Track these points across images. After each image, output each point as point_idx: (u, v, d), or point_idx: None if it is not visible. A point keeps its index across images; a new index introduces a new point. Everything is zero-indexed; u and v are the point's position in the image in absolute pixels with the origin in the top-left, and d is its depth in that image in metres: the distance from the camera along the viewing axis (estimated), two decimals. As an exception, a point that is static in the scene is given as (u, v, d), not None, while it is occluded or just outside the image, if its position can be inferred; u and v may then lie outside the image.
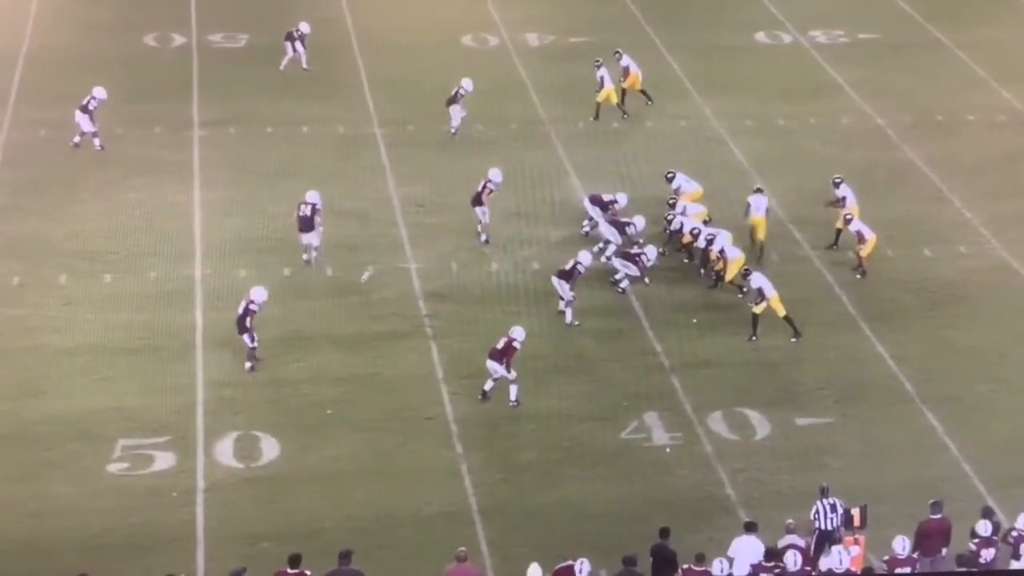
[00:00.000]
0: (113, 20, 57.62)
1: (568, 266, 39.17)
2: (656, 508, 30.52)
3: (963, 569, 27.94)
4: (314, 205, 41.12)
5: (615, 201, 42.65)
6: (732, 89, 53.82)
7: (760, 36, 60.12)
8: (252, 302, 36.47)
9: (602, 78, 50.07)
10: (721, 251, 40.41)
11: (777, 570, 28.06)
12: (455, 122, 48.51)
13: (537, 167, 47.61)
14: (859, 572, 28.35)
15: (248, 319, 36.18)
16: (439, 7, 60.50)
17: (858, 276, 41.61)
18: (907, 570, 28.46)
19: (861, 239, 41.20)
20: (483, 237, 42.89)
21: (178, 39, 56.82)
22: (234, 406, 35.02)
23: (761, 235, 42.61)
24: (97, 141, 46.62)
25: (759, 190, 43.30)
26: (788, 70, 56.58)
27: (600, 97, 50.43)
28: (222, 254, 41.62)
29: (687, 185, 44.04)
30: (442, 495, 32.22)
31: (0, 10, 57.82)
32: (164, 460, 32.90)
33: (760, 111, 50.22)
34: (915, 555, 28.74)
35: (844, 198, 42.78)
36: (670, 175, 44.04)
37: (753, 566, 28.18)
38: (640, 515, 30.23)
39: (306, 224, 41.01)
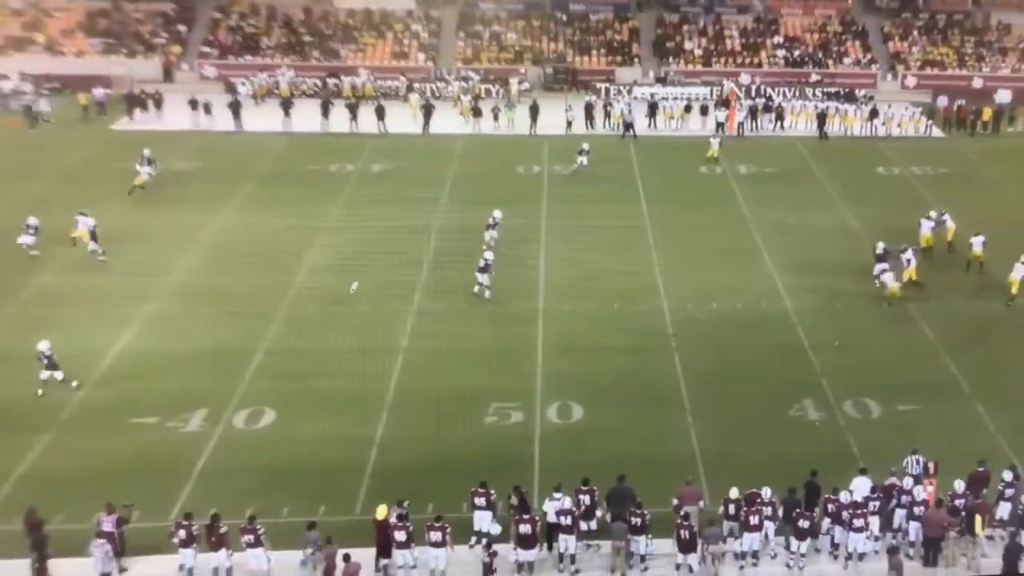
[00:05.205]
0: (503, 160, 58.32)
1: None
2: (809, 459, 29.52)
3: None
4: None
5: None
6: (862, 201, 52.24)
7: (880, 169, 58.46)
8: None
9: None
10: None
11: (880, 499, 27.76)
12: None
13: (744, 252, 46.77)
14: (933, 501, 27.69)
15: None
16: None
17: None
18: (962, 502, 27.67)
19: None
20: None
21: (536, 168, 57.19)
22: (558, 385, 34.83)
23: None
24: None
25: (977, 234, 43.96)
26: (896, 191, 54.83)
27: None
28: (558, 292, 41.25)
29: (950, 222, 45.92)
30: (678, 447, 31.78)
31: (434, 150, 58.97)
32: (516, 416, 33.05)
33: (880, 215, 48.42)
34: (967, 492, 27.97)
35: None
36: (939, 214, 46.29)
37: (864, 497, 27.63)
38: (798, 462, 29.25)
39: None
